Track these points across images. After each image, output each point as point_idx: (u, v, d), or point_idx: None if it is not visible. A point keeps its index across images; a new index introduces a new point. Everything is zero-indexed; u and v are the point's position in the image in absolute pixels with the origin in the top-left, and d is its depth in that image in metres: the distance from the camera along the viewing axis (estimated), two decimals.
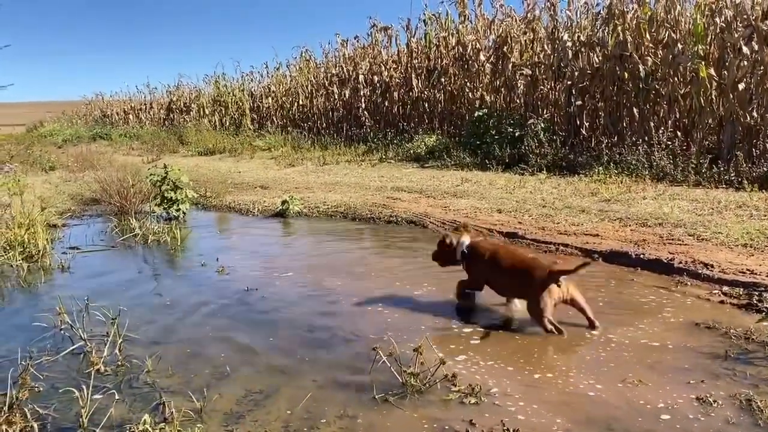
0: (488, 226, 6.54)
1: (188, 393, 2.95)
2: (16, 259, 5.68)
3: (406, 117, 16.28)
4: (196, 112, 26.05)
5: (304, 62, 20.94)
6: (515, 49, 13.30)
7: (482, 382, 3.03)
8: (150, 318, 4.19)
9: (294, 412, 2.81)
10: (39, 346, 3.67)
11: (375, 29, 17.33)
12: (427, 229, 6.94)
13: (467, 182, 9.51)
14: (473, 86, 14.43)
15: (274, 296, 4.67)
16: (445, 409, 2.81)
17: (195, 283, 5.16)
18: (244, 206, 8.95)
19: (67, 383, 3.09)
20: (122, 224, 7.35)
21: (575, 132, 11.42)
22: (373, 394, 2.94)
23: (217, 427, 2.69)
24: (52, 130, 31.32)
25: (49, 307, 4.35)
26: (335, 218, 8.01)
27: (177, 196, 7.96)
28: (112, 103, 35.98)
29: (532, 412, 2.77)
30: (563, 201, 7.53)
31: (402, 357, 3.15)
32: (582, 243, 5.72)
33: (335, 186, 10.34)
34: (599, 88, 11.14)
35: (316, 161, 14.22)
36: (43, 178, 12.14)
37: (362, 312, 4.24)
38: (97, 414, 2.78)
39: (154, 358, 3.36)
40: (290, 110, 20.91)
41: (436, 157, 12.63)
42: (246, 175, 12.78)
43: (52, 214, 7.73)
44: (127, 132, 28.09)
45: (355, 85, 17.90)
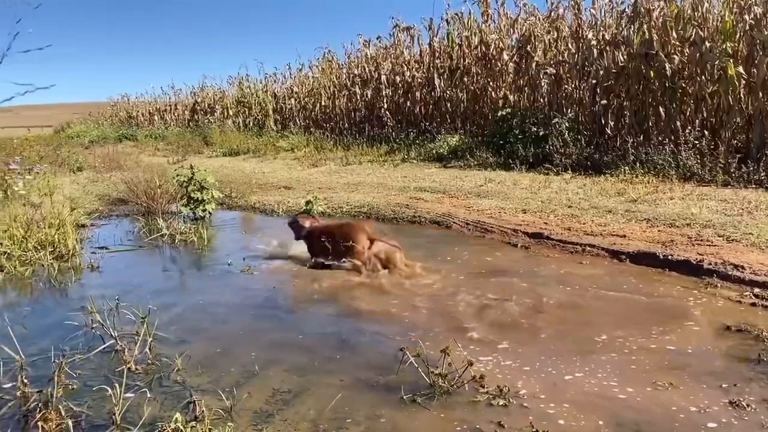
0: (513, 227, 6.51)
1: (218, 392, 2.98)
2: (47, 258, 5.78)
3: (428, 117, 16.26)
4: (220, 113, 26.29)
5: (326, 63, 21.00)
6: (539, 48, 13.21)
7: (510, 383, 3.02)
8: (178, 317, 4.24)
9: (322, 412, 2.83)
10: (71, 344, 3.73)
11: (397, 29, 17.34)
12: (451, 229, 6.92)
13: (491, 182, 9.47)
14: (496, 85, 14.37)
15: (299, 296, 4.71)
16: (473, 411, 2.81)
17: (222, 283, 5.21)
18: (269, 206, 9.00)
19: (99, 381, 3.14)
20: (149, 224, 7.44)
21: (600, 131, 11.31)
22: (401, 394, 2.95)
23: (246, 426, 2.72)
24: (79, 132, 31.81)
25: (79, 306, 4.43)
26: (358, 218, 8.03)
27: (203, 196, 8.04)
28: (138, 105, 36.44)
29: (562, 414, 2.76)
30: (589, 201, 7.46)
31: (429, 358, 3.15)
32: (609, 244, 5.66)
33: (358, 186, 10.36)
34: (624, 87, 11.03)
35: (338, 161, 14.25)
36: (71, 179, 12.33)
37: (388, 312, 4.25)
38: (129, 412, 2.83)
39: (183, 357, 3.40)
40: (313, 111, 20.99)
41: (458, 157, 12.59)
42: (270, 175, 12.87)
43: (81, 214, 7.85)
44: (152, 133, 28.42)
45: (377, 86, 17.92)
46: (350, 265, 5.30)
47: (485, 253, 5.83)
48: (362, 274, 5.14)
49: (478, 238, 6.46)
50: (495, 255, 5.74)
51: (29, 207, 7.11)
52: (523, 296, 4.47)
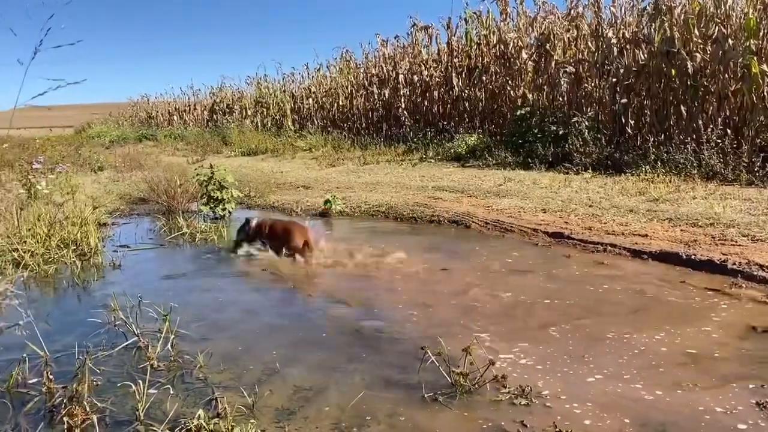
0: (533, 226, 6.47)
1: (239, 389, 3.00)
2: (69, 256, 5.84)
3: (446, 116, 16.21)
4: (238, 113, 26.46)
5: (344, 63, 21.03)
6: (558, 46, 13.11)
7: (532, 383, 2.99)
8: (199, 315, 4.26)
9: (344, 410, 2.83)
10: (94, 341, 3.76)
11: (415, 28, 17.31)
12: (470, 229, 6.90)
13: (510, 181, 9.42)
14: (515, 84, 14.28)
15: (319, 294, 4.72)
16: (495, 410, 2.79)
17: (242, 282, 5.24)
18: (288, 206, 9.04)
19: (122, 378, 3.17)
20: (170, 223, 7.50)
21: (620, 130, 11.20)
22: (422, 393, 2.94)
23: (268, 424, 2.72)
24: (99, 132, 32.16)
25: (102, 304, 4.48)
26: (377, 218, 8.04)
27: (223, 195, 8.09)
28: (157, 105, 36.77)
29: (585, 414, 2.73)
30: (610, 200, 7.39)
31: (450, 356, 3.13)
32: (631, 243, 5.60)
33: (376, 186, 10.36)
34: (645, 86, 10.91)
35: (356, 161, 14.27)
36: (92, 178, 12.47)
37: (408, 311, 4.24)
38: (152, 408, 2.85)
39: (205, 355, 3.41)
40: (330, 111, 21.04)
41: (477, 156, 12.54)
42: (288, 175, 12.91)
43: (103, 213, 7.94)
44: (171, 133, 28.67)
45: (394, 85, 17.91)
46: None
47: (505, 252, 5.80)
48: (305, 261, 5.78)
49: (498, 238, 6.42)
50: (515, 255, 5.71)
51: (52, 206, 7.20)
52: (544, 296, 4.44)
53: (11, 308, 4.35)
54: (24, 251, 5.78)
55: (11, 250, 5.80)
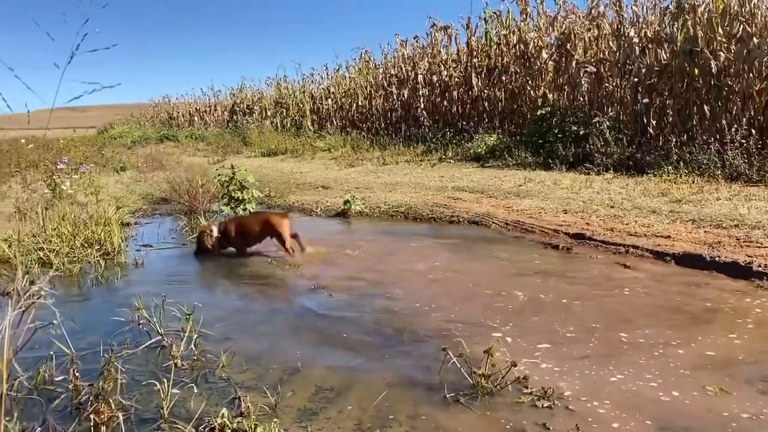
0: (554, 227, 6.44)
1: (262, 388, 3.02)
2: (93, 256, 5.92)
3: (465, 116, 16.18)
4: (258, 113, 26.63)
5: (363, 63, 21.08)
6: (579, 46, 13.04)
7: (554, 384, 2.98)
8: (222, 314, 4.30)
9: (366, 410, 2.84)
10: (118, 339, 3.81)
11: (435, 29, 17.31)
12: (491, 229, 6.88)
13: (530, 182, 9.37)
14: (535, 84, 14.22)
15: (340, 295, 4.72)
16: (517, 412, 2.78)
17: (263, 281, 5.27)
18: (307, 206, 9.08)
19: (147, 376, 3.21)
20: (192, 223, 7.57)
21: (642, 130, 11.09)
22: (443, 394, 2.94)
23: (291, 423, 2.74)
24: (121, 132, 32.55)
25: (125, 302, 4.52)
26: (396, 218, 8.04)
27: (243, 195, 8.14)
28: (178, 106, 37.13)
29: (607, 416, 2.71)
30: (632, 201, 7.32)
31: (471, 357, 3.13)
32: (653, 245, 5.55)
33: (395, 186, 10.37)
34: (667, 85, 10.80)
35: (375, 161, 14.28)
36: (115, 179, 12.63)
37: (429, 312, 4.24)
38: (176, 406, 2.88)
39: (228, 354, 3.44)
40: (349, 111, 21.09)
41: (496, 156, 12.50)
42: (308, 175, 12.97)
43: (125, 213, 8.04)
44: (192, 133, 28.92)
45: (413, 85, 17.91)
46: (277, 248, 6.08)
47: (526, 253, 5.78)
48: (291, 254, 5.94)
49: (518, 239, 6.40)
50: (536, 255, 5.68)
51: (76, 206, 7.30)
52: (565, 297, 4.42)
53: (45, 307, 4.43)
54: (49, 250, 5.87)
55: (37, 249, 5.90)
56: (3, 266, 5.64)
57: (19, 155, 13.09)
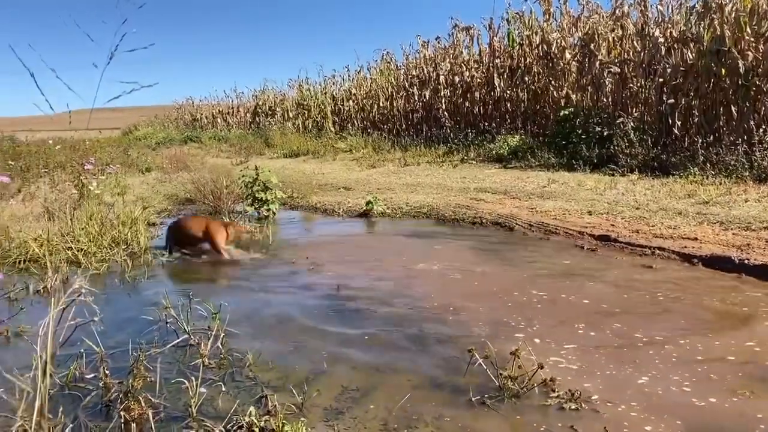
0: (578, 229, 6.39)
1: (288, 387, 3.04)
2: (120, 255, 6.00)
3: (487, 117, 16.13)
4: (280, 115, 26.78)
5: (384, 65, 21.10)
6: (602, 46, 12.92)
7: (581, 387, 2.96)
8: (247, 314, 4.33)
9: (392, 411, 2.84)
10: (146, 338, 3.86)
11: (456, 29, 17.27)
12: (514, 231, 6.84)
13: (554, 183, 9.31)
14: (558, 85, 14.12)
15: (364, 295, 4.73)
16: (544, 415, 2.77)
17: (288, 281, 5.30)
18: (329, 206, 9.11)
19: (174, 374, 3.25)
20: None
21: (667, 131, 10.96)
22: (469, 396, 2.93)
23: (318, 422, 2.75)
24: (146, 134, 32.98)
25: (152, 302, 4.58)
26: (418, 219, 8.04)
27: (267, 196, 8.21)
28: (201, 107, 37.48)
29: (637, 420, 2.69)
30: (658, 203, 7.24)
31: (497, 359, 3.12)
32: (680, 247, 5.48)
33: (417, 187, 10.37)
34: (693, 86, 10.65)
35: (396, 162, 14.29)
36: (140, 179, 12.79)
37: (453, 312, 4.23)
38: (204, 404, 2.91)
39: (254, 353, 3.47)
40: (371, 112, 21.12)
41: (519, 157, 12.44)
42: (329, 176, 13.02)
43: (151, 213, 8.13)
44: (215, 135, 29.18)
45: (435, 86, 17.88)
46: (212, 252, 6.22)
47: (550, 255, 5.74)
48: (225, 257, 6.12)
49: (542, 240, 6.36)
50: (561, 257, 5.64)
51: (103, 206, 7.40)
52: (591, 298, 4.38)
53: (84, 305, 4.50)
54: (77, 249, 5.97)
55: (66, 248, 5.99)
56: (33, 265, 5.75)
57: (47, 156, 13.31)
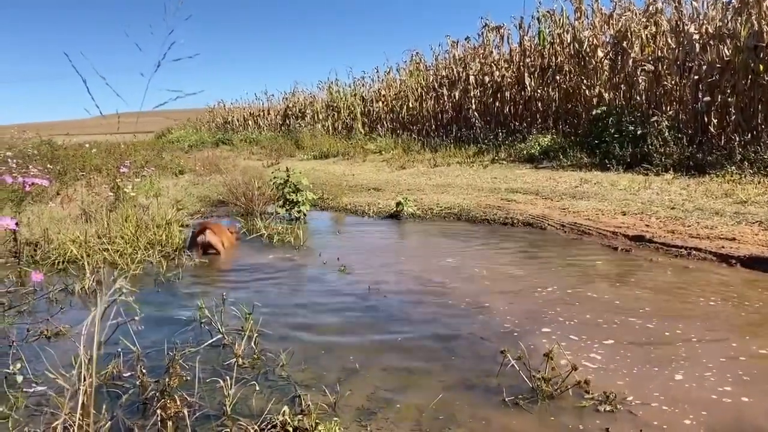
0: (612, 229, 6.30)
1: (321, 387, 3.06)
2: (155, 257, 6.10)
3: (518, 117, 16.02)
4: (310, 117, 26.97)
5: (413, 65, 21.11)
6: (635, 43, 12.73)
7: (616, 389, 2.91)
8: (280, 314, 4.37)
9: (424, 411, 2.84)
10: (181, 338, 3.92)
11: (486, 29, 17.19)
12: (546, 231, 6.78)
13: (586, 183, 9.20)
14: (590, 83, 13.97)
15: (395, 296, 4.74)
16: (578, 417, 2.74)
17: (319, 282, 5.33)
18: (360, 208, 9.15)
19: (208, 373, 3.29)
20: (248, 224, 7.73)
21: (703, 129, 10.76)
22: (502, 397, 2.91)
23: (351, 423, 2.77)
24: (179, 137, 33.43)
25: (187, 302, 4.67)
26: (449, 220, 8.02)
27: (298, 198, 8.27)
28: (233, 110, 37.94)
29: (673, 422, 2.64)
30: (693, 203, 7.11)
31: (530, 360, 3.09)
32: (717, 247, 5.37)
33: (447, 188, 10.34)
34: (730, 83, 10.44)
35: (426, 163, 14.28)
36: (173, 182, 12.98)
37: (485, 313, 4.21)
38: (238, 403, 2.94)
39: (287, 353, 3.50)
40: (400, 113, 21.15)
41: (551, 157, 12.33)
42: (359, 177, 13.06)
43: (185, 215, 8.25)
44: (246, 137, 29.49)
45: (465, 86, 17.83)
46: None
47: (584, 255, 5.68)
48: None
49: (575, 241, 6.29)
50: (594, 258, 5.58)
51: (138, 208, 7.54)
52: (625, 299, 4.32)
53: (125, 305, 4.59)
54: (114, 251, 6.08)
55: (102, 250, 6.12)
56: (71, 266, 5.88)
57: (84, 159, 13.60)
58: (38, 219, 7.17)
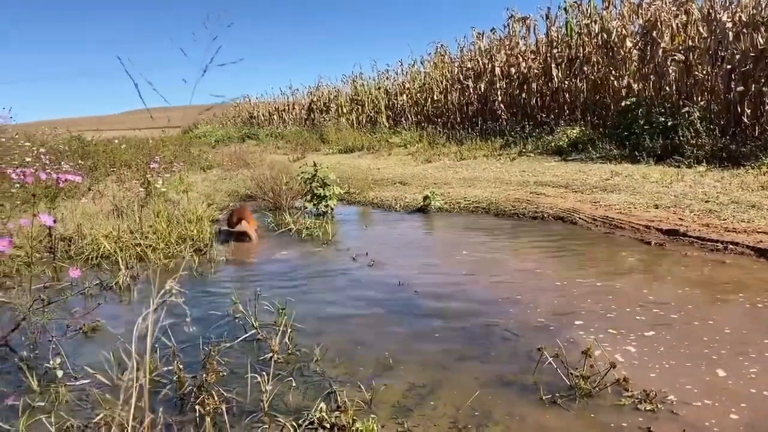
0: (645, 223, 6.21)
1: (356, 383, 3.06)
2: (187, 251, 6.16)
3: (545, 108, 15.83)
4: (334, 111, 26.97)
5: (438, 57, 20.98)
6: (665, 33, 12.47)
7: (656, 386, 2.87)
8: (311, 309, 4.38)
9: (460, 408, 2.82)
10: (215, 333, 3.95)
11: (512, 20, 17.00)
12: (577, 225, 6.70)
13: (617, 176, 9.06)
14: (619, 74, 13.73)
15: (426, 291, 4.72)
16: (618, 415, 2.70)
17: (349, 277, 5.34)
18: (387, 202, 9.13)
19: (243, 369, 3.31)
20: (277, 219, 7.77)
21: (736, 120, 10.53)
22: (539, 395, 2.89)
23: (387, 419, 2.76)
24: (205, 132, 33.70)
25: (219, 297, 4.70)
26: (477, 214, 7.97)
27: (325, 192, 8.29)
28: (258, 105, 38.11)
29: (717, 422, 2.59)
30: (728, 195, 6.96)
31: (567, 357, 3.05)
32: (755, 241, 5.26)
33: (474, 181, 10.27)
34: (765, 72, 10.18)
35: (452, 156, 14.20)
36: (202, 177, 13.09)
37: (517, 309, 4.17)
38: (274, 399, 2.95)
39: (321, 348, 3.51)
40: (424, 106, 21.04)
41: (579, 149, 12.17)
42: (385, 171, 13.04)
43: (214, 209, 8.32)
44: (272, 132, 29.65)
45: (491, 78, 17.66)
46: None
47: (616, 249, 5.60)
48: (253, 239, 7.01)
49: (607, 235, 6.21)
50: (627, 252, 5.50)
51: (169, 203, 7.62)
52: (660, 295, 4.25)
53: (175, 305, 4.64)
54: (146, 246, 6.16)
55: (134, 245, 6.20)
56: (104, 261, 5.97)
57: (114, 155, 13.79)
58: (71, 215, 7.28)
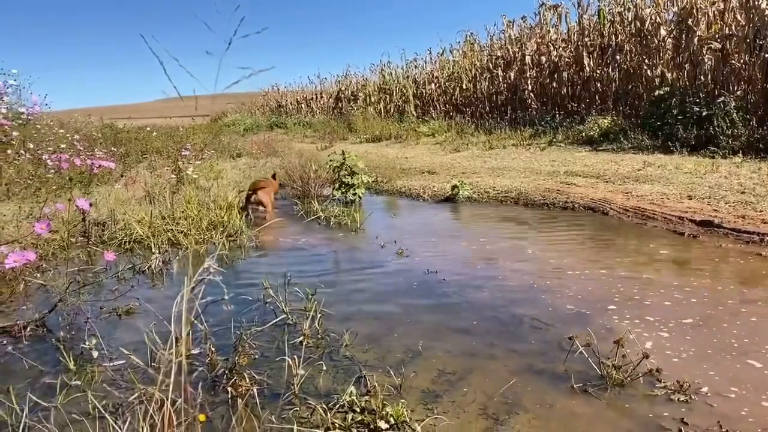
0: (678, 214, 6.10)
1: (385, 368, 3.08)
2: (218, 237, 6.23)
3: (576, 98, 15.63)
4: (362, 100, 26.98)
5: (468, 46, 20.81)
6: (701, 21, 12.21)
7: (690, 379, 2.83)
8: (340, 295, 4.41)
9: (491, 396, 2.82)
10: (247, 317, 4.00)
11: (543, 8, 16.78)
12: (608, 216, 6.62)
13: (650, 166, 8.92)
14: (652, 63, 13.49)
15: (455, 280, 4.71)
16: (650, 405, 2.67)
17: (377, 265, 5.35)
18: (415, 191, 9.12)
19: (274, 352, 3.35)
20: (305, 207, 7.81)
21: None
22: (570, 383, 2.87)
23: (416, 405, 2.77)
24: (234, 120, 33.99)
25: (250, 282, 4.75)
26: (506, 203, 7.92)
27: (353, 181, 8.31)
28: (286, 94, 38.33)
29: (752, 414, 2.55)
30: (765, 187, 6.81)
31: (598, 347, 3.03)
32: None
33: (503, 171, 10.20)
34: None
35: (481, 146, 14.11)
36: (231, 164, 13.22)
37: (547, 298, 4.15)
38: (305, 382, 2.99)
39: (350, 334, 3.53)
40: (453, 95, 20.92)
41: (611, 139, 12.01)
42: (413, 160, 13.01)
43: (244, 196, 8.39)
44: (300, 121, 29.79)
45: (521, 67, 17.49)
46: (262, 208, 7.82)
47: (649, 241, 5.52)
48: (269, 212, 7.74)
49: (639, 226, 6.12)
50: (660, 243, 5.42)
51: (200, 190, 7.71)
52: (694, 287, 4.18)
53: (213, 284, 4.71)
54: (178, 231, 6.25)
55: (166, 230, 6.29)
56: (137, 245, 6.08)
57: (146, 142, 13.99)
58: (105, 200, 7.42)
